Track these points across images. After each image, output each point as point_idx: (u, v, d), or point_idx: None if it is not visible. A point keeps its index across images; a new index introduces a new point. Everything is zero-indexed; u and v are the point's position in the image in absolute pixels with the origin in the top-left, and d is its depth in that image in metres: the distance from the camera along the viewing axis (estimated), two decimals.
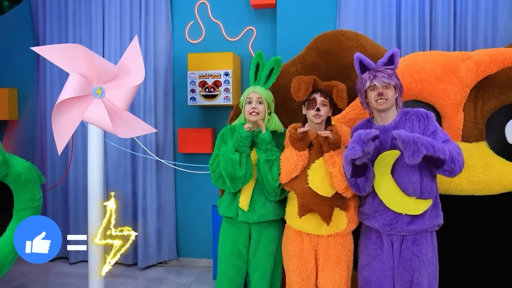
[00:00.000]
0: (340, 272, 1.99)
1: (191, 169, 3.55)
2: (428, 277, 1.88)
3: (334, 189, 1.94)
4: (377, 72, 1.89)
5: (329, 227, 1.96)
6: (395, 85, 1.90)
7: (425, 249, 1.88)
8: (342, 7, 3.19)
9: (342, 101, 1.98)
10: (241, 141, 2.02)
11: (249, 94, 2.11)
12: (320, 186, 1.94)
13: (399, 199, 1.85)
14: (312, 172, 1.96)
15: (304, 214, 1.98)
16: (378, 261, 1.94)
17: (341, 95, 1.98)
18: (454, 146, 1.79)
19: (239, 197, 2.10)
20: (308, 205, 1.96)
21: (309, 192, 1.96)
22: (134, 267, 3.62)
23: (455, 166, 1.75)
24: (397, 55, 1.92)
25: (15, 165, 2.47)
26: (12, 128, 3.94)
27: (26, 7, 3.84)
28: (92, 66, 2.28)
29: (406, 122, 1.90)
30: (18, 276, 3.36)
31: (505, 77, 2.29)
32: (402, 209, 1.85)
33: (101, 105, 2.31)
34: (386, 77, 1.87)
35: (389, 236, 1.92)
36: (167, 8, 3.56)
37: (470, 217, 2.26)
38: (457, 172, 1.77)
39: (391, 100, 1.90)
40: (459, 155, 1.77)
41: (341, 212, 1.97)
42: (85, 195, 2.58)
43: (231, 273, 2.16)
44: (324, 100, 1.99)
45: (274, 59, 2.16)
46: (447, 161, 1.73)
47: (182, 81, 3.56)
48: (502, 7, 2.98)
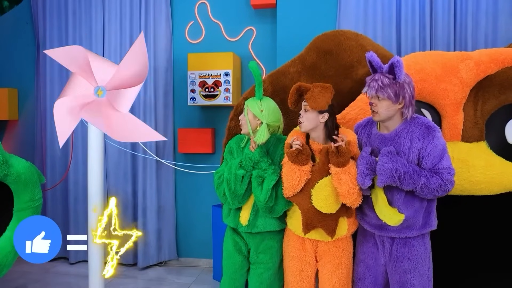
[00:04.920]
0: (340, 274, 1.99)
1: (191, 169, 3.55)
2: (420, 278, 1.88)
3: (339, 204, 1.89)
4: (373, 81, 1.81)
5: None
6: (390, 97, 1.77)
7: (416, 251, 1.88)
8: (342, 7, 3.19)
9: (311, 101, 1.82)
10: (248, 160, 2.00)
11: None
12: (324, 205, 1.88)
13: (383, 207, 1.84)
14: (316, 192, 1.88)
15: (309, 231, 1.95)
16: (373, 258, 1.96)
17: (311, 95, 1.82)
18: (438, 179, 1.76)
19: (240, 212, 2.10)
20: (313, 223, 1.94)
21: (313, 210, 1.91)
22: (134, 267, 3.62)
23: (428, 196, 1.79)
24: (396, 66, 1.75)
25: (15, 165, 2.47)
26: (12, 128, 3.94)
27: (26, 7, 3.84)
28: (92, 67, 2.28)
29: (407, 135, 1.82)
30: (18, 276, 3.36)
31: (505, 77, 2.29)
32: (383, 218, 1.85)
33: (99, 105, 2.30)
34: (379, 88, 1.77)
35: (380, 238, 1.93)
36: (167, 8, 3.57)
37: (470, 217, 2.26)
38: (434, 196, 1.81)
39: (384, 113, 1.81)
40: (440, 188, 1.77)
41: (343, 219, 1.96)
42: (85, 195, 2.58)
43: (231, 271, 2.17)
44: (307, 105, 1.87)
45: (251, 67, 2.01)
46: (417, 191, 1.79)
47: (182, 81, 3.56)
48: (502, 7, 2.98)
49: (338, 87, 1.95)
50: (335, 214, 1.91)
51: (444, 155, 1.81)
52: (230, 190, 2.02)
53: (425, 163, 1.80)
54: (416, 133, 1.81)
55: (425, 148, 1.79)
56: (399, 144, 1.83)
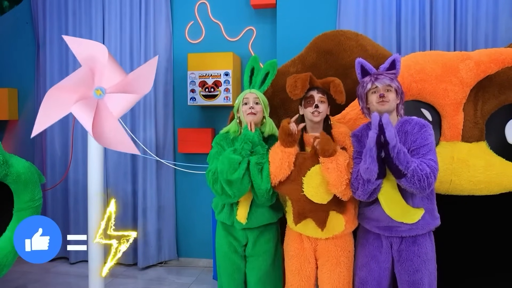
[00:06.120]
0: (339, 273, 1.98)
1: (191, 169, 3.55)
2: (429, 276, 1.89)
3: (330, 195, 1.90)
4: (379, 75, 1.88)
5: (327, 231, 1.95)
6: (396, 89, 1.88)
7: (425, 248, 1.89)
8: (342, 7, 3.20)
9: (340, 95, 1.94)
10: (247, 142, 1.97)
11: (245, 95, 2.09)
12: (315, 193, 1.89)
13: (398, 206, 1.84)
14: (308, 180, 1.90)
15: (300, 221, 1.96)
16: (376, 262, 1.94)
17: (339, 89, 1.93)
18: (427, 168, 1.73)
19: (237, 210, 2.07)
20: (304, 213, 1.94)
21: (305, 200, 1.91)
22: (134, 267, 3.62)
23: (414, 187, 1.72)
24: (398, 61, 1.90)
25: (15, 165, 2.47)
26: (12, 128, 3.94)
27: (26, 7, 3.85)
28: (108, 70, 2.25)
29: (402, 134, 1.87)
30: (18, 276, 3.36)
31: (505, 77, 2.29)
32: (399, 217, 1.84)
33: (93, 106, 2.24)
34: (388, 79, 1.86)
35: (388, 238, 1.92)
36: (167, 8, 3.57)
37: (470, 217, 2.26)
38: (420, 191, 1.75)
39: (392, 104, 1.87)
40: (427, 177, 1.71)
41: (338, 215, 1.95)
42: (85, 195, 2.58)
43: (229, 271, 2.15)
44: (322, 96, 1.95)
45: (269, 63, 2.13)
46: (407, 177, 1.71)
47: (182, 81, 3.56)
48: (503, 7, 2.98)
49: None
50: (326, 206, 1.91)
51: (432, 150, 1.83)
52: (227, 180, 1.93)
53: (415, 153, 1.81)
54: (410, 130, 1.86)
55: (415, 140, 1.83)
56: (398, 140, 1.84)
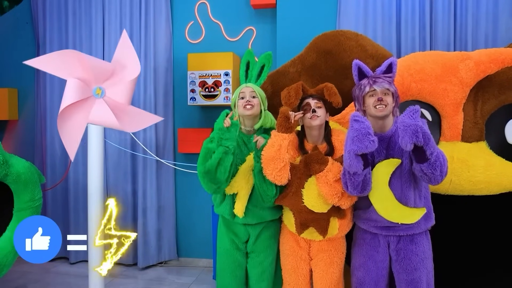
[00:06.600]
0: (331, 273, 2.00)
1: (191, 169, 3.55)
2: (427, 274, 1.90)
3: (329, 204, 1.90)
4: (377, 78, 1.89)
5: None
6: (393, 93, 1.90)
7: (423, 247, 1.90)
8: (342, 7, 3.20)
9: (335, 97, 1.92)
10: (216, 132, 1.96)
11: (241, 89, 2.09)
12: (316, 204, 1.91)
13: (395, 209, 1.84)
14: (307, 191, 1.92)
15: (303, 231, 1.98)
16: (373, 262, 1.95)
17: (333, 91, 1.92)
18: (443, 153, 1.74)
19: (234, 203, 2.07)
20: (306, 223, 1.96)
21: (306, 210, 1.93)
22: (134, 267, 3.62)
23: (436, 173, 1.69)
24: (395, 64, 1.92)
25: (15, 165, 2.47)
26: (12, 128, 3.94)
27: (26, 7, 3.84)
28: (87, 68, 2.27)
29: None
30: (18, 276, 3.36)
31: (505, 77, 2.29)
32: (397, 219, 1.85)
33: (103, 104, 2.30)
34: (387, 83, 1.87)
35: (386, 237, 1.93)
36: (167, 8, 3.57)
37: (470, 217, 2.26)
38: (437, 179, 1.72)
39: (390, 107, 1.88)
40: (445, 164, 1.71)
41: (334, 219, 1.97)
42: (85, 195, 2.58)
43: (231, 268, 2.15)
44: (318, 102, 1.95)
45: (264, 55, 2.15)
46: (429, 161, 1.67)
47: (182, 81, 3.56)
48: (503, 7, 2.98)
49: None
50: (327, 214, 1.93)
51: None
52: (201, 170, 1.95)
53: None
54: None
55: None
56: (395, 142, 1.86)
